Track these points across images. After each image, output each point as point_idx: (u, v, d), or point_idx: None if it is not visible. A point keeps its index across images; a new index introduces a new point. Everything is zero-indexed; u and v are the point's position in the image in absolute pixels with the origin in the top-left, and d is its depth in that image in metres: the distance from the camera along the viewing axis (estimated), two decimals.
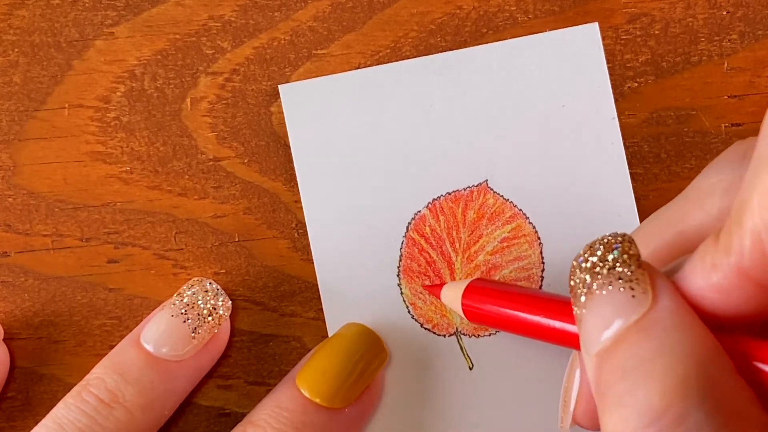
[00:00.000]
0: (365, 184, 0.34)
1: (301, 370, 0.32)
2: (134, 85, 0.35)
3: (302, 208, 0.34)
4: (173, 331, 0.31)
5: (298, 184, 0.34)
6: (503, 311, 0.29)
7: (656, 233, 0.27)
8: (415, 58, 0.35)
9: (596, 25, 0.34)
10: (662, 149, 0.34)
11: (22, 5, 0.35)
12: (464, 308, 0.31)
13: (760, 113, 0.34)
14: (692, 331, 0.22)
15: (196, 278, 0.33)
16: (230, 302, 0.32)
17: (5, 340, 0.34)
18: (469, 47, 0.35)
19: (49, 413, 0.31)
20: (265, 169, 0.35)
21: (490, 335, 0.34)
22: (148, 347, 0.31)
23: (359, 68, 0.35)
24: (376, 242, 0.34)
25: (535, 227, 0.34)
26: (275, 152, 0.35)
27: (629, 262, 0.23)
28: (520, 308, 0.29)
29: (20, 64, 0.35)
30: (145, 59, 0.35)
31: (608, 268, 0.23)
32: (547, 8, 0.35)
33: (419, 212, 0.34)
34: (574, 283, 0.24)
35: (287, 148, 0.35)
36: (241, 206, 0.34)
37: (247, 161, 0.35)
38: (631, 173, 0.34)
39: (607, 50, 0.34)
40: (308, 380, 0.31)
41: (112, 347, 0.32)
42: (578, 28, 0.35)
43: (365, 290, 0.34)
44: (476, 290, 0.31)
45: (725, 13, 0.35)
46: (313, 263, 0.34)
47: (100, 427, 0.30)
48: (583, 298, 0.23)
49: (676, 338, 0.22)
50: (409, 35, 0.35)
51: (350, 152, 0.34)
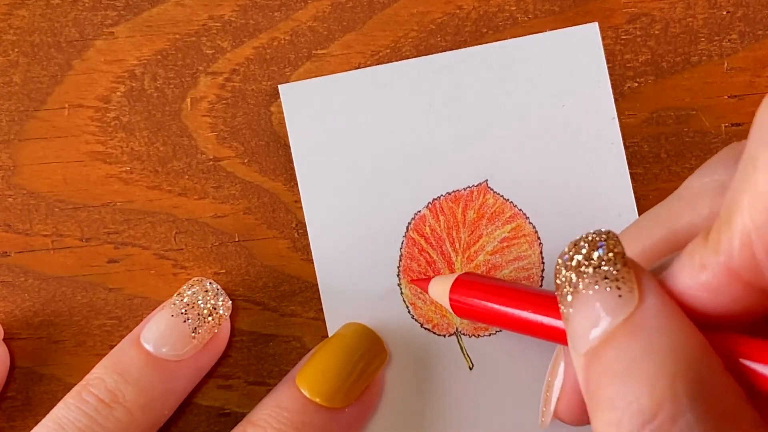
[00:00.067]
0: (365, 184, 0.34)
1: (301, 370, 0.32)
2: (134, 85, 0.35)
3: (302, 208, 0.34)
4: (173, 331, 0.31)
5: (298, 184, 0.34)
6: (491, 306, 0.29)
7: (646, 232, 0.27)
8: (415, 58, 0.35)
9: (596, 25, 0.34)
10: (662, 149, 0.34)
11: (22, 5, 0.35)
12: (452, 303, 0.31)
13: None
14: (680, 330, 0.22)
15: (196, 278, 0.33)
16: (230, 302, 0.32)
17: (5, 340, 0.34)
18: (469, 47, 0.35)
19: (49, 413, 0.31)
20: (265, 169, 0.35)
21: (490, 335, 0.34)
22: (148, 347, 0.31)
23: (359, 68, 0.35)
24: (376, 242, 0.34)
25: (535, 227, 0.34)
26: (275, 152, 0.35)
27: (615, 260, 0.23)
28: (508, 303, 0.28)
29: (20, 64, 0.35)
30: (145, 59, 0.35)
31: (594, 266, 0.23)
32: (547, 8, 0.35)
33: (419, 212, 0.34)
34: (560, 281, 0.24)
35: (287, 148, 0.35)
36: (241, 206, 0.34)
37: (247, 161, 0.35)
38: (631, 173, 0.34)
39: (607, 50, 0.34)
40: (308, 380, 0.31)
41: (112, 347, 0.32)
42: (578, 28, 0.35)
43: (365, 290, 0.34)
44: (465, 284, 0.31)
45: (725, 13, 0.35)
46: (313, 263, 0.34)
47: (100, 427, 0.30)
48: (569, 297, 0.23)
49: (663, 338, 0.22)
50: (409, 35, 0.35)
51: (350, 152, 0.34)
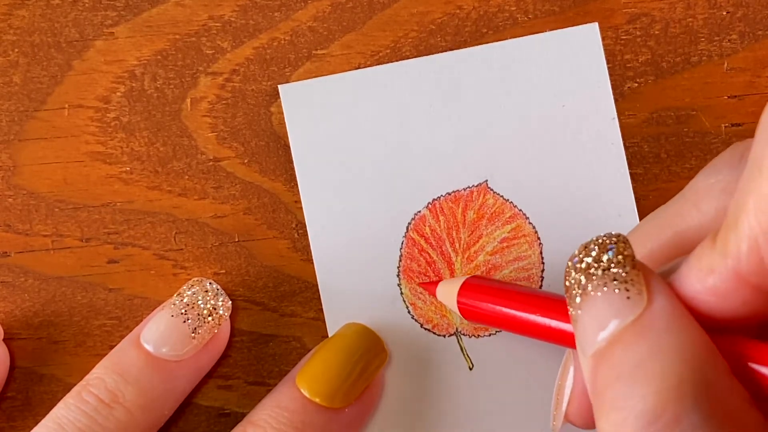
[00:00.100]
0: (365, 184, 0.34)
1: (301, 370, 0.32)
2: (134, 85, 0.35)
3: (302, 208, 0.34)
4: (173, 331, 0.31)
5: (298, 184, 0.34)
6: (499, 309, 0.29)
7: (653, 234, 0.27)
8: (415, 58, 0.35)
9: (596, 25, 0.34)
10: (662, 149, 0.34)
11: (22, 5, 0.35)
12: (460, 306, 0.31)
13: (759, 113, 0.34)
14: (687, 332, 0.22)
15: (196, 278, 0.33)
16: (230, 302, 0.32)
17: (5, 340, 0.34)
18: (469, 47, 0.35)
19: (49, 413, 0.31)
20: (265, 169, 0.35)
21: (490, 335, 0.34)
22: (148, 347, 0.31)
23: (359, 68, 0.35)
24: (376, 242, 0.34)
25: (535, 227, 0.34)
26: (275, 152, 0.35)
27: (624, 262, 0.23)
28: (516, 306, 0.29)
29: (20, 64, 0.35)
30: (145, 59, 0.35)
31: (603, 269, 0.23)
32: (547, 8, 0.35)
33: (419, 212, 0.34)
34: (569, 283, 0.24)
35: (287, 148, 0.35)
36: (241, 206, 0.34)
37: (247, 161, 0.35)
38: (631, 173, 0.34)
39: (607, 50, 0.34)
40: (308, 380, 0.31)
41: (112, 347, 0.32)
42: (578, 28, 0.34)
43: (365, 290, 0.34)
44: (472, 287, 0.31)
45: (725, 13, 0.35)
46: (313, 263, 0.34)
47: (100, 427, 0.30)
48: (578, 299, 0.23)
49: (671, 340, 0.22)
50: (409, 35, 0.35)
51: (350, 152, 0.34)
